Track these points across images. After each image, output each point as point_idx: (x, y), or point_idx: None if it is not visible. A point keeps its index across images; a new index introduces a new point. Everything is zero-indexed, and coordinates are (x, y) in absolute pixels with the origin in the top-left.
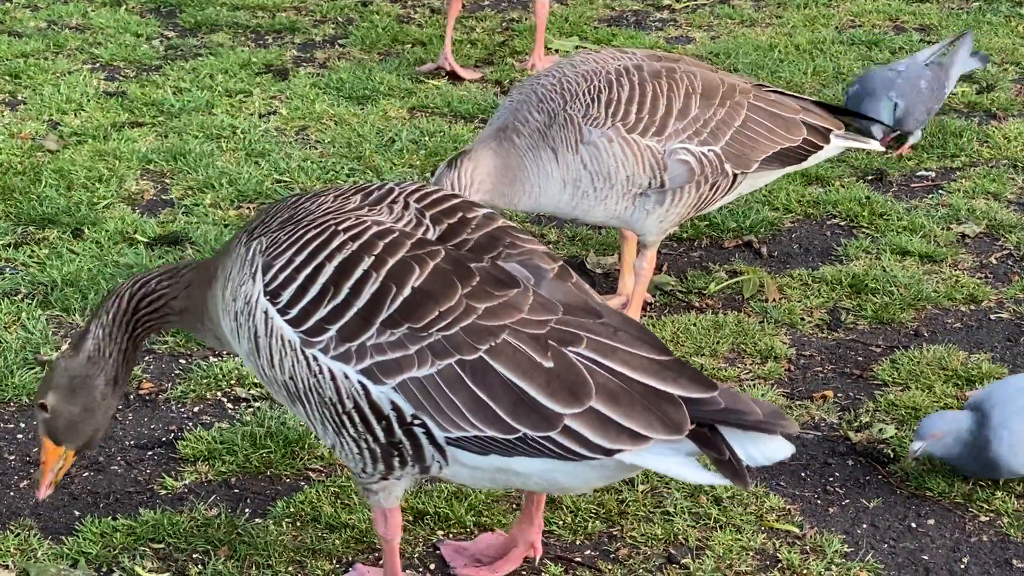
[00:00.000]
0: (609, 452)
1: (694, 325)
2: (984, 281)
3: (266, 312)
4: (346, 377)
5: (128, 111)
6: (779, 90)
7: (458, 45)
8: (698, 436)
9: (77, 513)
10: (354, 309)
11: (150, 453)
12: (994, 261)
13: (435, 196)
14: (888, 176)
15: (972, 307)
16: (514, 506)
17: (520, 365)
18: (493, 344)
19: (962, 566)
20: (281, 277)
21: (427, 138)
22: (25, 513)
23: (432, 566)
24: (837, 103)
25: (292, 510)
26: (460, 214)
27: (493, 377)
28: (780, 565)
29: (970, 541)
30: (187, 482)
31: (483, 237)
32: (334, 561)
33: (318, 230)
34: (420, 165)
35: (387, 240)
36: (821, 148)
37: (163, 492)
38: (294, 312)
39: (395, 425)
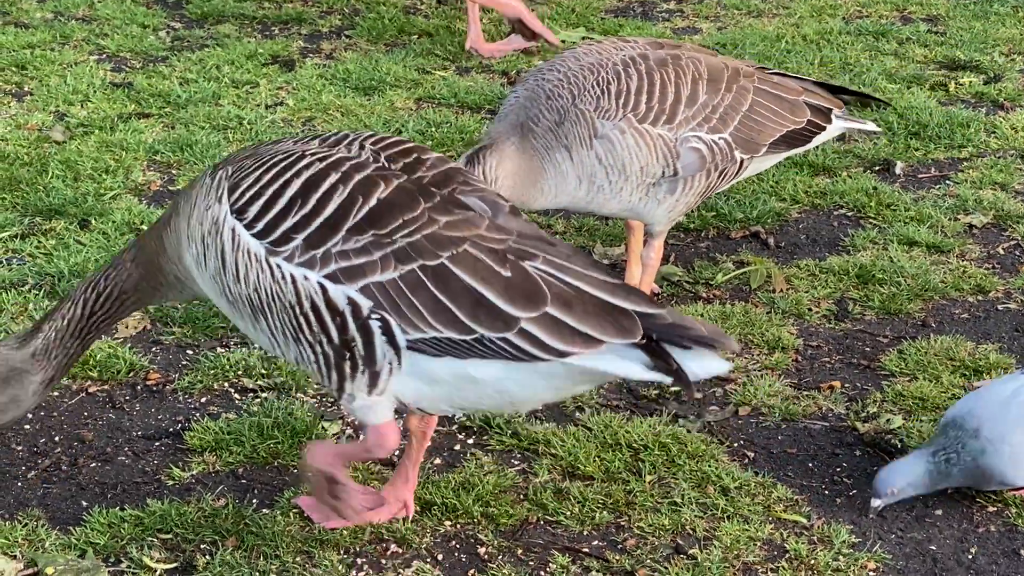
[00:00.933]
0: (563, 354)
1: (701, 315)
2: (991, 271)
3: (233, 229)
4: (306, 279)
5: (135, 102)
6: (780, 72)
7: (463, 36)
8: (648, 348)
9: (85, 504)
10: (321, 218)
11: (157, 444)
12: (1001, 251)
13: (389, 140)
14: (895, 166)
15: (979, 297)
16: (521, 496)
17: (480, 272)
18: (455, 252)
19: (970, 556)
20: (248, 195)
21: (434, 129)
22: (33, 504)
23: (440, 556)
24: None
25: None
26: (415, 155)
27: (454, 282)
28: (788, 555)
29: (978, 531)
30: (194, 473)
31: (439, 175)
32: (342, 551)
33: (284, 155)
34: None
35: (353, 162)
36: (824, 129)
37: (171, 483)
38: (260, 225)
39: (349, 321)
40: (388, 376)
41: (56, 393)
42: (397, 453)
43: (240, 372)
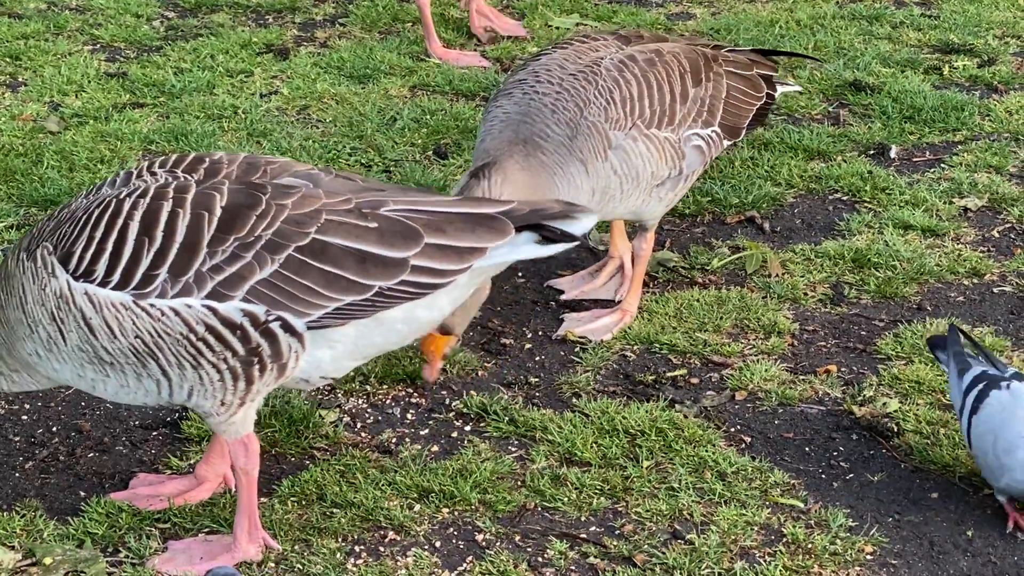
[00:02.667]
0: (460, 271)
1: (697, 301)
2: (987, 255)
3: (86, 292)
4: (189, 307)
5: (129, 92)
6: (732, 48)
7: (457, 22)
8: (531, 228)
9: (83, 494)
10: (176, 245)
11: (155, 433)
12: (996, 234)
13: (172, 159)
14: (890, 151)
15: (975, 281)
16: (519, 482)
17: (351, 232)
18: (318, 225)
19: (966, 538)
20: (88, 255)
21: (428, 116)
22: (31, 494)
23: (438, 543)
24: (838, 79)
25: (297, 489)
26: (207, 160)
27: (333, 249)
28: (785, 540)
29: (975, 514)
30: (192, 462)
31: (241, 167)
32: (340, 539)
33: (101, 207)
34: (422, 143)
35: (174, 186)
36: (774, 99)
37: (168, 472)
38: (116, 278)
39: (250, 330)
40: (294, 363)
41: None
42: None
43: None
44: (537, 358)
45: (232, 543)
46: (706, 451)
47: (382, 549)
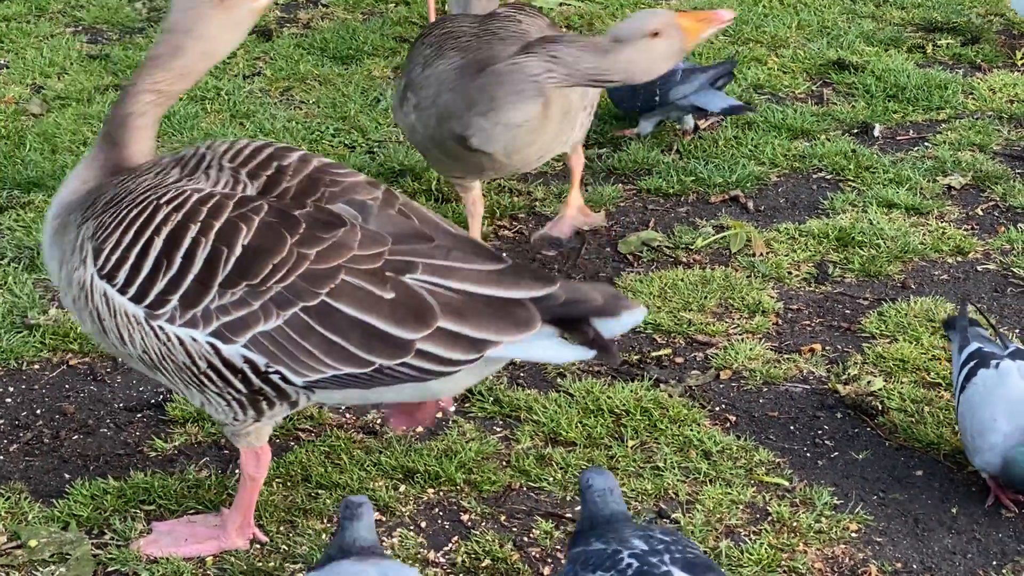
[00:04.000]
0: (466, 362)
1: (681, 280)
2: (971, 233)
3: (105, 294)
4: (194, 340)
5: (112, 74)
6: None
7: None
8: (561, 323)
9: (67, 476)
10: (190, 277)
11: (139, 415)
12: (980, 212)
13: (247, 151)
14: (873, 129)
15: (959, 259)
16: (504, 462)
17: (362, 301)
18: (332, 286)
19: (951, 516)
20: (113, 259)
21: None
22: (15, 477)
23: (423, 524)
24: (821, 58)
25: (282, 470)
26: (275, 164)
27: (339, 317)
28: (770, 518)
29: (959, 491)
30: (177, 444)
31: (302, 182)
32: (325, 520)
33: (141, 207)
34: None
35: (210, 204)
36: None
37: (153, 454)
38: (133, 290)
39: (251, 376)
40: (305, 400)
41: (37, 366)
42: None
43: None
44: None
45: (220, 530)
46: (691, 430)
47: None
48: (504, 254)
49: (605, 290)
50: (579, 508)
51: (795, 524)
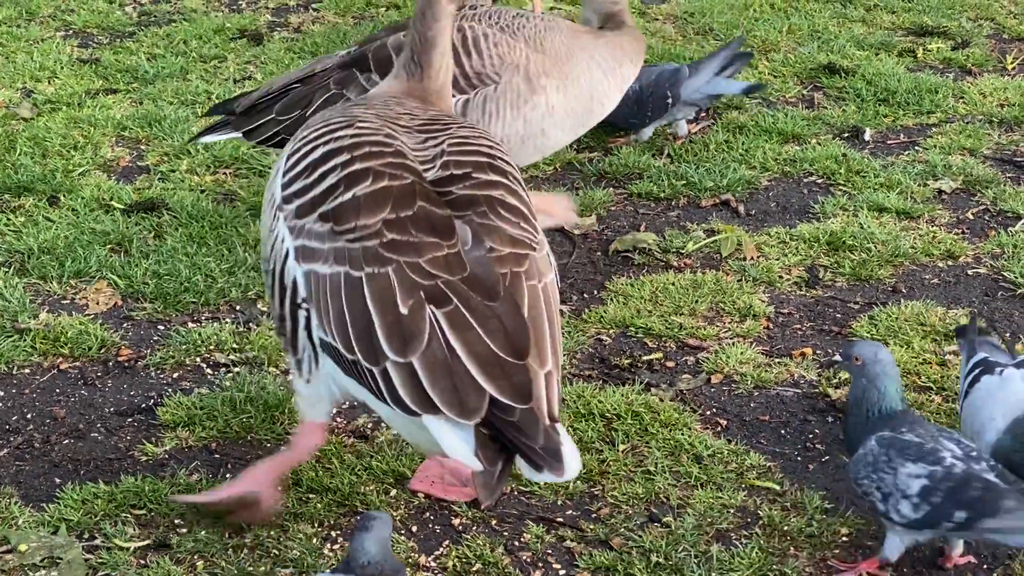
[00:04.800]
0: (409, 411)
1: (672, 284)
2: (961, 237)
3: (278, 168)
4: (282, 241)
5: (102, 78)
6: None
7: None
8: (483, 437)
9: (58, 480)
10: (312, 193)
11: (130, 420)
12: (971, 216)
13: (468, 147)
14: (864, 133)
15: (949, 263)
16: None
17: (382, 299)
18: (376, 271)
19: None
20: (299, 145)
21: None
22: (6, 481)
23: (414, 528)
24: (812, 62)
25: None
26: (468, 170)
27: (359, 300)
28: (761, 522)
29: None
30: (168, 448)
31: (466, 197)
32: (316, 524)
33: (344, 119)
34: None
35: (374, 149)
36: None
37: (144, 458)
38: (287, 177)
39: (287, 300)
40: (311, 369)
41: (28, 371)
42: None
43: (212, 347)
44: None
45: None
46: (682, 434)
47: None
48: (543, 363)
49: (552, 443)
50: (571, 513)
51: (786, 528)
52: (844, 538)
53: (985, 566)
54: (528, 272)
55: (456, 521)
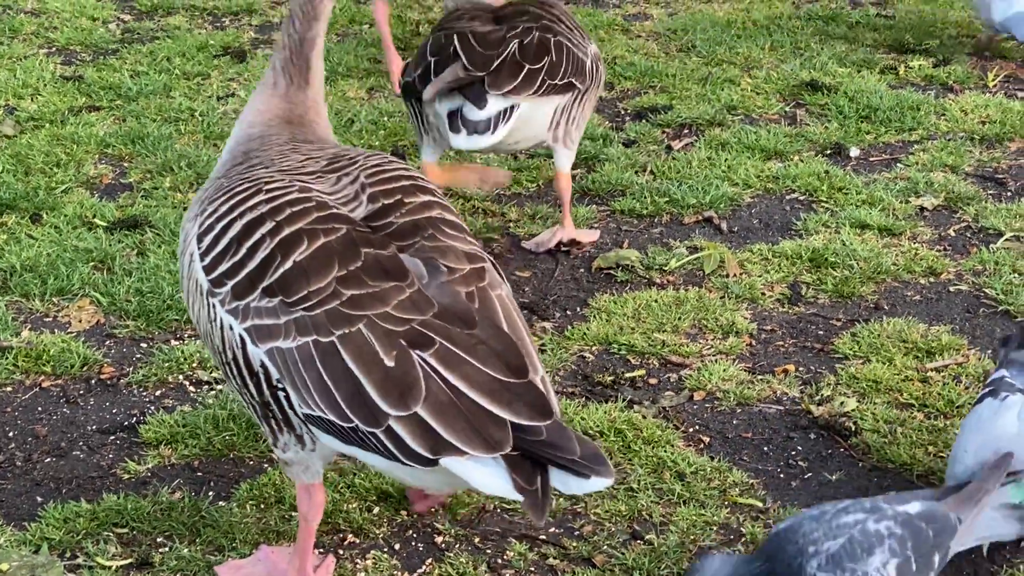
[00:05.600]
0: (428, 461)
1: (655, 301)
2: (943, 253)
3: (192, 255)
4: (231, 329)
5: (85, 95)
6: None
7: (414, 24)
8: (513, 460)
9: (39, 499)
10: (246, 270)
11: (112, 438)
12: (952, 233)
13: (387, 175)
14: (849, 150)
15: (931, 279)
16: None
17: (363, 357)
18: (347, 332)
19: None
20: (207, 223)
21: (386, 118)
22: None
23: (397, 546)
24: (794, 79)
25: (256, 492)
26: (399, 196)
27: (338, 364)
28: (744, 539)
29: None
30: (150, 466)
31: (408, 224)
32: None
33: (248, 184)
34: (379, 145)
35: (296, 209)
36: None
37: (126, 477)
38: (208, 260)
39: (263, 385)
40: (312, 442)
41: (9, 388)
42: None
43: (194, 364)
44: None
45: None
46: (665, 451)
47: (341, 551)
48: (536, 370)
49: (588, 448)
50: (553, 530)
51: None
52: None
53: (991, 567)
54: (491, 283)
55: (439, 539)
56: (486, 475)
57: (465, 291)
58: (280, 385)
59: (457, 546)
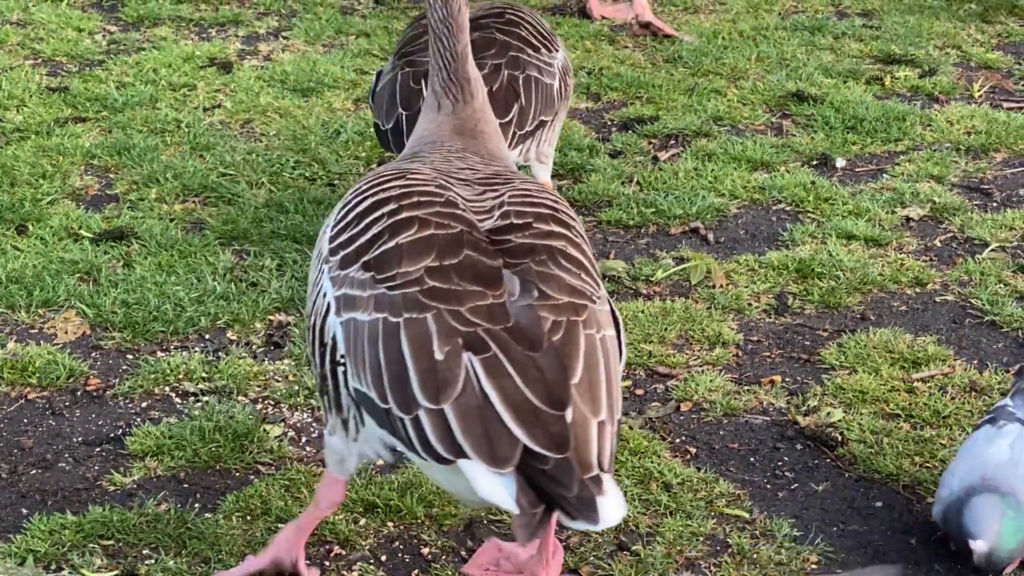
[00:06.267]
0: (442, 459)
1: (642, 312)
2: (929, 264)
3: (328, 225)
4: (324, 296)
5: (71, 106)
6: None
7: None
8: (525, 482)
9: (25, 511)
10: (357, 243)
11: (98, 450)
12: (938, 244)
13: (531, 199)
14: (835, 161)
15: (917, 290)
16: None
17: (418, 345)
18: (414, 317)
19: (910, 547)
20: (349, 200)
21: (373, 130)
22: None
23: (383, 557)
24: (780, 90)
25: (242, 504)
26: (530, 220)
27: (395, 345)
28: (730, 550)
29: (918, 523)
30: (136, 478)
31: (525, 245)
32: None
33: (396, 171)
34: (366, 156)
35: (423, 199)
36: None
37: (112, 488)
38: (335, 231)
39: (327, 358)
40: (357, 428)
41: None
42: None
43: (181, 376)
44: None
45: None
46: (651, 462)
47: (328, 563)
48: (596, 414)
49: (585, 492)
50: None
51: (755, 556)
52: (814, 566)
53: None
54: (587, 322)
55: (425, 551)
56: (492, 483)
57: (552, 319)
58: (341, 361)
59: (443, 558)
